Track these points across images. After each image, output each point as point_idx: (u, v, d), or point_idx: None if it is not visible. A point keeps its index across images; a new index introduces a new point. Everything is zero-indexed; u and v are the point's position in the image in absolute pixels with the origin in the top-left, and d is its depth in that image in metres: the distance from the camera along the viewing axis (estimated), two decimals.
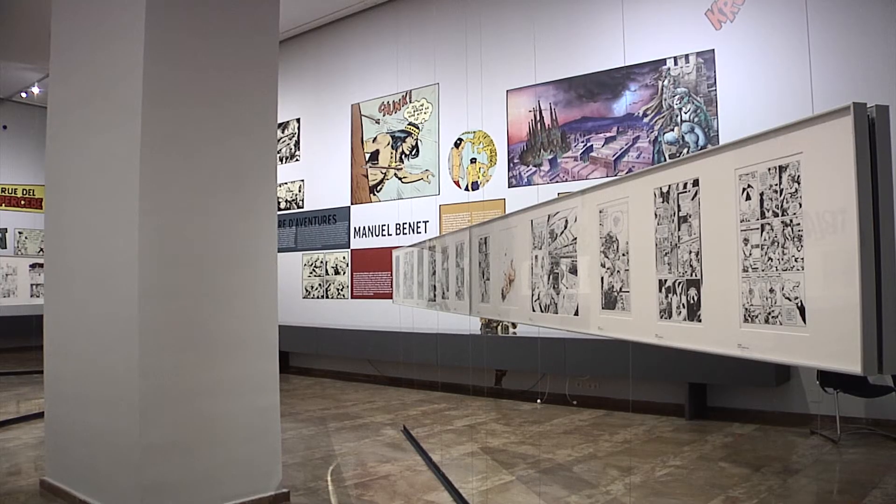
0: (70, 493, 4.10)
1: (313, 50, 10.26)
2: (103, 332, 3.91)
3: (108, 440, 3.84)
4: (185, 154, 3.84)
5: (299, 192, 10.28)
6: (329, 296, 9.79)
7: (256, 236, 4.14)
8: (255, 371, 4.06)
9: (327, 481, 4.57)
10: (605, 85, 7.31)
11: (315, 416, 6.87)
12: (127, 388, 3.69)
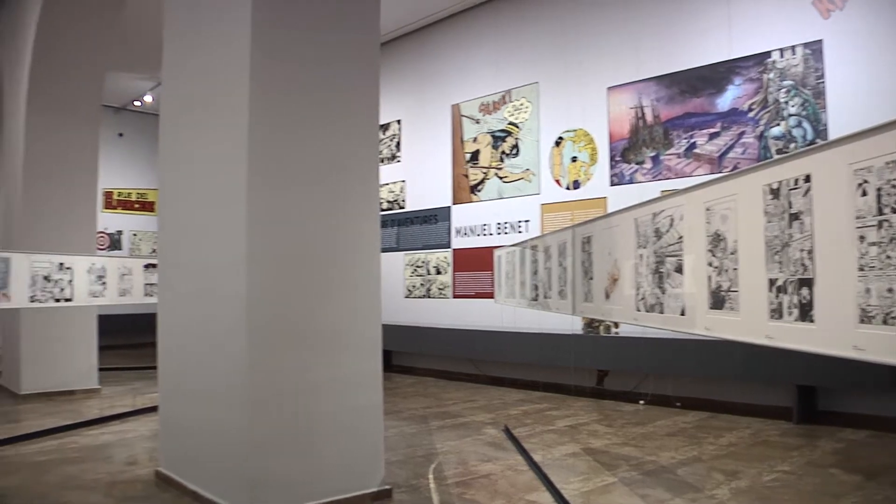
0: (182, 484, 4.37)
1: (413, 52, 10.46)
2: (213, 330, 4.14)
3: (218, 434, 4.07)
4: (291, 156, 4.03)
5: (401, 192, 10.51)
6: (430, 295, 9.96)
7: (360, 236, 4.30)
8: (359, 369, 4.22)
9: (429, 479, 4.69)
10: (707, 80, 7.16)
11: (417, 415, 7.03)
12: (236, 384, 3.90)
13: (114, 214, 14.59)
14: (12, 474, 4.87)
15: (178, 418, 4.57)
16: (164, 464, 4.69)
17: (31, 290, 5.73)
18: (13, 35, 8.80)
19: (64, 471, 4.94)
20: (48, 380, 8.12)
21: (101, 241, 13.99)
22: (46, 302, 5.88)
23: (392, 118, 10.65)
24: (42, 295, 5.83)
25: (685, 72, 7.34)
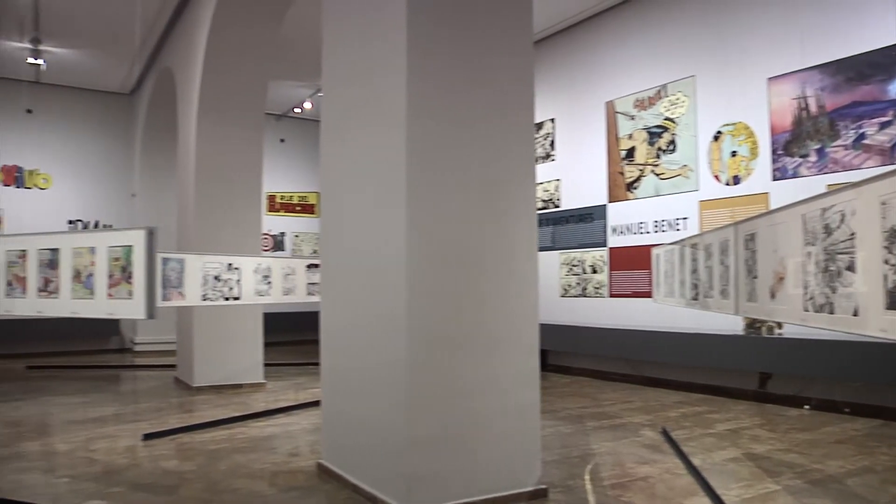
0: (343, 477, 4.58)
1: (566, 49, 10.40)
2: (373, 329, 4.31)
3: (378, 430, 4.23)
4: (449, 157, 4.13)
5: (556, 191, 10.48)
6: (586, 294, 9.88)
7: (517, 236, 4.34)
8: (516, 368, 4.27)
9: (585, 480, 4.67)
10: (877, 65, 6.67)
11: (573, 415, 7.00)
12: (395, 382, 4.04)
13: (277, 217, 15.41)
14: (190, 460, 5.30)
15: (340, 413, 4.79)
16: (326, 456, 4.93)
17: (203, 289, 6.13)
18: (186, 49, 9.52)
19: (233, 459, 5.30)
20: (218, 374, 8.73)
21: (266, 243, 14.83)
22: (217, 300, 6.29)
23: (546, 117, 10.64)
24: (213, 294, 6.23)
25: (852, 58, 6.88)
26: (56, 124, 13.52)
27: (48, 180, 13.50)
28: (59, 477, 4.85)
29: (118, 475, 4.88)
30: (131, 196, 13.70)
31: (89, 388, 9.06)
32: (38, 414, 7.31)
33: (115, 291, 4.71)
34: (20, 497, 4.27)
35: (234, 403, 7.68)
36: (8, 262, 5.30)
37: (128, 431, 6.30)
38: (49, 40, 11.07)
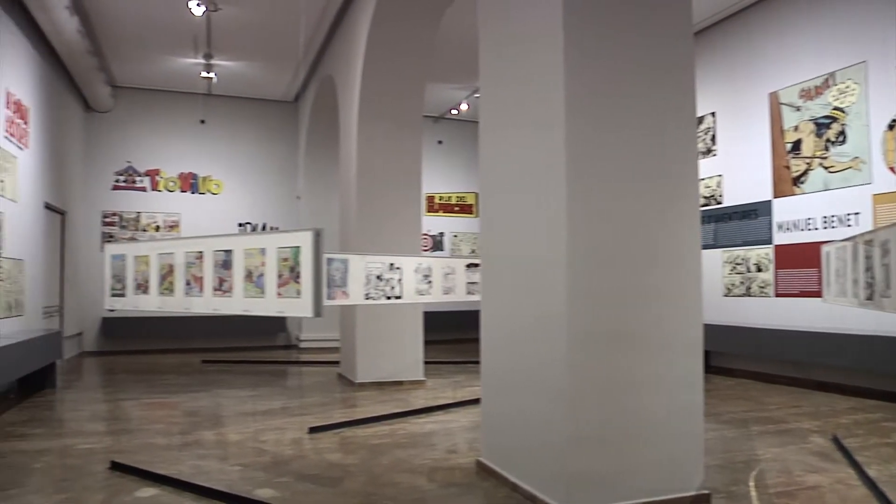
0: (502, 475, 4.66)
1: (726, 40, 10.05)
2: (534, 328, 4.36)
3: (538, 429, 4.29)
4: (609, 154, 4.13)
5: (717, 187, 10.15)
6: (751, 294, 9.52)
7: (680, 234, 4.29)
8: (679, 369, 4.22)
9: (749, 486, 4.54)
10: None
11: (737, 418, 6.79)
12: (555, 381, 4.09)
13: (435, 217, 15.76)
14: (353, 453, 5.55)
15: (499, 411, 4.88)
16: (485, 454, 5.04)
17: (365, 288, 6.36)
18: (346, 57, 9.94)
19: (394, 454, 5.51)
20: (380, 371, 9.06)
21: (425, 243, 15.20)
22: (379, 299, 6.50)
23: (706, 111, 10.33)
24: (375, 293, 6.45)
25: None
26: (226, 133, 14.45)
27: (220, 186, 14.44)
28: (233, 465, 5.21)
29: (285, 466, 5.18)
30: (296, 199, 14.42)
31: (259, 382, 9.62)
32: (213, 405, 7.84)
33: (284, 290, 4.99)
34: (199, 481, 4.63)
35: (394, 400, 7.94)
36: (186, 262, 5.74)
37: (294, 424, 6.66)
38: (220, 55, 11.85)
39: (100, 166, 13.67)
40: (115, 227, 13.70)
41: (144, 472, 4.88)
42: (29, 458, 5.38)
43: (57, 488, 4.63)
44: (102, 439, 6.05)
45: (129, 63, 12.47)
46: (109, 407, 7.84)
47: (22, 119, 9.01)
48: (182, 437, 6.13)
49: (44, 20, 9.14)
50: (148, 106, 13.95)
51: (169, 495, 4.44)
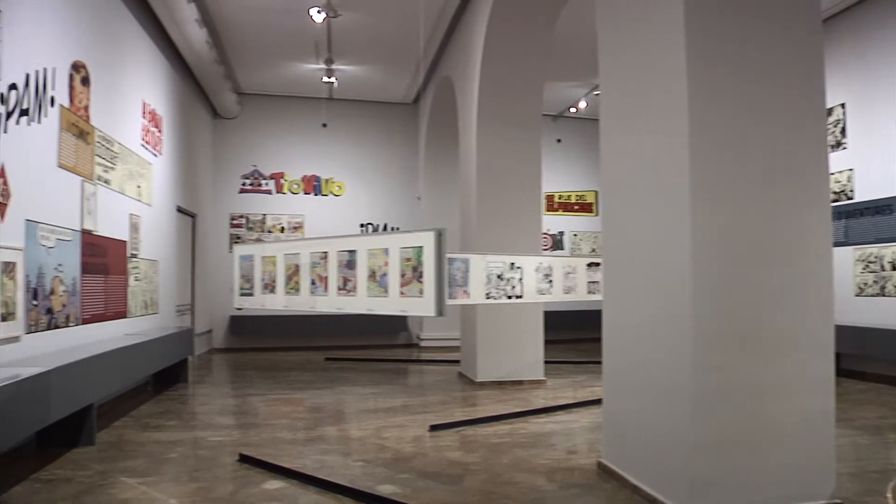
0: (623, 477, 4.61)
1: (856, 27, 9.53)
2: (657, 328, 4.30)
3: (661, 431, 4.22)
4: (734, 150, 4.02)
5: (848, 182, 9.65)
6: (885, 294, 9.01)
7: (810, 230, 4.13)
8: (809, 371, 4.06)
9: (887, 498, 4.32)
10: None
11: (870, 425, 6.47)
12: (679, 383, 4.01)
13: (555, 216, 15.66)
14: (474, 452, 5.61)
15: (621, 412, 4.82)
16: (606, 455, 4.99)
17: (486, 287, 6.40)
18: (464, 57, 10.02)
19: (514, 453, 5.53)
20: (500, 370, 9.10)
21: (545, 242, 15.13)
22: (500, 299, 6.53)
23: (835, 102, 9.83)
24: (496, 292, 6.48)
25: None
26: (348, 136, 14.80)
27: (342, 187, 14.83)
28: (355, 461, 5.35)
29: (406, 463, 5.28)
30: (417, 199, 14.64)
31: (380, 379, 9.82)
32: (336, 402, 8.07)
33: (407, 290, 5.08)
34: (323, 476, 4.78)
35: (515, 399, 7.96)
36: (312, 262, 5.93)
37: (415, 422, 6.77)
38: (340, 60, 12.16)
39: (227, 170, 14.30)
40: (242, 228, 14.29)
41: (271, 465, 5.08)
42: (165, 448, 5.69)
43: (190, 477, 4.88)
44: (231, 432, 6.33)
45: (253, 71, 12.97)
46: (237, 402, 8.19)
47: (156, 127, 9.53)
48: (306, 433, 6.33)
49: (175, 34, 9.65)
50: (272, 111, 14.47)
51: (294, 488, 4.60)
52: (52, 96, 6.05)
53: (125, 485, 4.66)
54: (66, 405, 5.24)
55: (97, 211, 7.10)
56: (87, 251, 6.85)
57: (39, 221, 5.81)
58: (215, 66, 11.28)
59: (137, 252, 8.53)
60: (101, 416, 6.46)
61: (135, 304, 8.44)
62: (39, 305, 5.81)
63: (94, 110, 7.04)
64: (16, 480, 4.76)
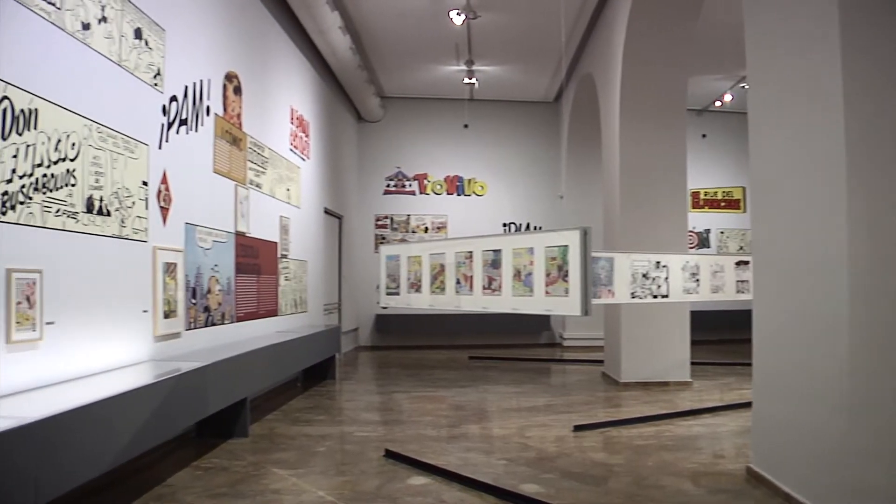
0: (775, 485, 4.42)
1: None
2: (812, 331, 4.11)
3: (815, 438, 4.03)
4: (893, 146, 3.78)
5: None
6: None
7: None
8: None
9: None
10: None
11: None
12: (836, 388, 3.82)
13: (701, 214, 15.18)
14: (618, 453, 5.53)
15: (773, 417, 4.63)
16: (756, 461, 4.80)
17: (631, 286, 6.29)
18: (605, 53, 9.87)
19: (660, 456, 5.41)
20: (644, 370, 8.92)
21: (691, 240, 14.68)
22: (645, 298, 6.39)
23: None
24: (641, 292, 6.35)
25: None
26: (489, 135, 14.88)
27: (484, 187, 14.93)
28: (498, 459, 5.38)
29: (550, 462, 5.27)
30: (559, 198, 14.56)
31: (523, 379, 9.82)
32: (478, 400, 8.13)
33: (553, 289, 5.06)
34: (466, 473, 4.84)
35: (660, 401, 7.79)
36: (457, 262, 6.01)
37: (558, 422, 6.74)
38: (480, 61, 12.25)
39: (372, 172, 14.70)
40: (387, 229, 14.65)
41: (415, 462, 5.19)
42: (313, 442, 5.92)
43: (338, 471, 5.06)
44: (377, 428, 6.50)
45: (395, 74, 13.27)
46: (383, 399, 8.40)
47: (304, 132, 9.93)
48: (449, 430, 6.43)
49: (320, 41, 10.00)
50: (414, 113, 14.77)
51: (438, 485, 4.68)
52: (207, 106, 6.42)
53: (276, 476, 4.89)
54: (223, 398, 5.54)
55: (249, 214, 7.48)
56: (240, 252, 7.22)
57: (197, 224, 6.18)
58: (359, 71, 11.62)
59: (287, 253, 8.92)
60: (254, 409, 6.79)
61: (285, 303, 8.82)
62: (197, 304, 6.18)
63: (245, 118, 7.42)
64: (179, 467, 5.08)
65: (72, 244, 4.30)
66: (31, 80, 3.93)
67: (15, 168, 3.77)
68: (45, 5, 4.05)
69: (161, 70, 5.51)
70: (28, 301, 3.86)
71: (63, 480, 3.34)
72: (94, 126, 4.54)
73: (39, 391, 3.90)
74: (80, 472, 3.51)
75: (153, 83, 5.39)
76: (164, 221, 5.56)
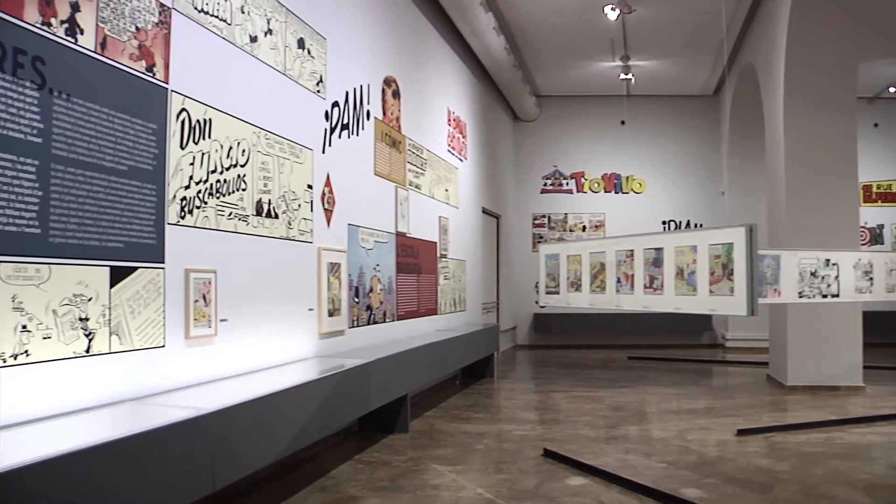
0: None
1: None
2: None
3: None
4: None
5: None
6: None
7: None
8: None
9: None
10: None
11: None
12: None
13: (873, 208, 14.17)
14: (784, 460, 5.23)
15: None
16: None
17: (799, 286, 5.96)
18: (767, 41, 9.35)
19: (830, 465, 5.07)
20: (813, 374, 8.39)
21: (862, 236, 13.71)
22: (813, 298, 6.04)
23: None
24: (809, 291, 6.00)
25: None
26: (647, 132, 14.51)
27: (642, 185, 14.57)
28: (658, 462, 5.22)
29: (711, 467, 5.05)
30: (720, 194, 14.00)
31: (683, 380, 9.50)
32: (638, 401, 7.92)
33: (717, 288, 4.86)
34: (625, 475, 4.71)
35: (829, 406, 7.32)
36: (617, 260, 5.89)
37: (721, 425, 6.45)
38: (636, 56, 11.95)
39: (528, 171, 14.67)
40: (544, 228, 14.58)
41: (574, 462, 5.11)
42: (472, 440, 5.94)
43: (496, 469, 5.05)
44: (535, 427, 6.46)
45: (550, 72, 13.17)
46: (540, 397, 8.35)
47: (461, 133, 10.02)
48: (608, 431, 6.29)
49: (475, 43, 10.07)
50: (569, 111, 14.61)
51: (597, 486, 4.59)
52: (367, 110, 6.59)
53: (436, 471, 4.94)
54: (385, 395, 5.67)
55: (409, 214, 7.62)
56: (401, 252, 7.37)
57: (359, 225, 6.35)
58: (514, 70, 11.62)
59: (446, 252, 9.03)
60: (414, 406, 6.90)
61: (444, 302, 8.94)
62: (360, 302, 6.35)
63: (404, 120, 7.57)
64: (342, 460, 5.23)
65: (243, 245, 4.52)
66: (205, 92, 4.16)
67: (192, 175, 4.01)
68: (217, 22, 4.28)
69: (323, 77, 5.70)
70: (204, 299, 4.09)
71: (237, 467, 3.51)
72: (262, 133, 4.76)
73: (214, 384, 4.12)
74: (252, 461, 3.67)
75: (316, 90, 5.59)
76: (328, 223, 5.75)
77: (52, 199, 3.04)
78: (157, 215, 3.71)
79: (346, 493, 4.45)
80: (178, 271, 3.88)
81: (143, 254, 3.60)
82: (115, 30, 3.42)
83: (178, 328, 3.89)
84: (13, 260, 2.84)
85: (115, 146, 3.41)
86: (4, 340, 2.80)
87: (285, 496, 4.37)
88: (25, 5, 2.93)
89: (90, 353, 3.23)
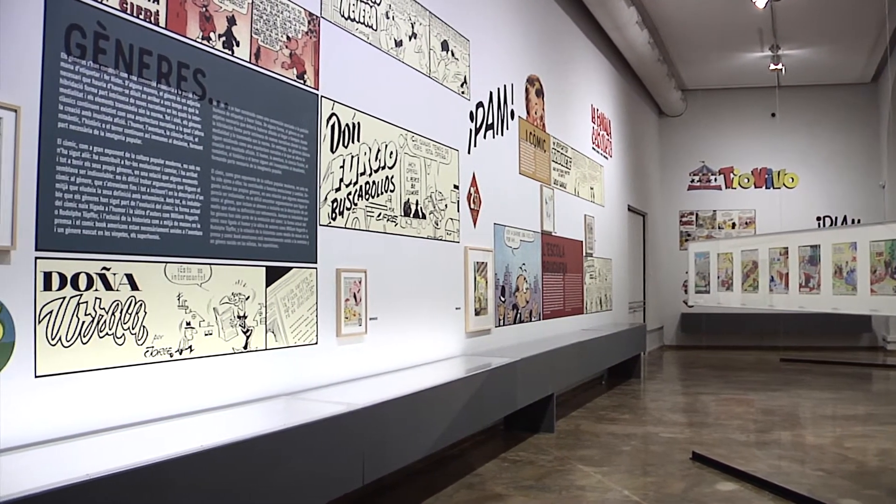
0: None
1: None
2: None
3: None
4: None
5: None
6: None
7: None
8: None
9: None
10: None
11: None
12: None
13: None
14: None
15: None
16: None
17: None
18: None
19: None
20: None
21: None
22: None
23: None
24: None
25: None
26: (799, 124, 13.72)
27: (795, 179, 13.79)
28: (813, 469, 4.87)
29: (873, 478, 4.67)
30: (880, 187, 13.03)
31: (840, 384, 8.88)
32: (791, 405, 7.47)
33: (879, 287, 4.50)
34: (778, 482, 4.42)
35: None
36: (771, 259, 5.57)
37: (883, 433, 5.97)
38: (786, 45, 11.35)
39: (675, 168, 14.19)
40: (692, 225, 14.05)
41: (723, 466, 4.85)
42: (618, 441, 5.76)
43: (643, 471, 4.87)
44: (683, 430, 6.19)
45: (695, 66, 12.68)
46: (688, 399, 8.01)
47: (605, 131, 9.78)
48: (759, 435, 5.96)
49: (617, 38, 9.81)
50: (716, 105, 14.03)
51: (748, 492, 4.33)
52: (511, 110, 6.52)
53: (581, 472, 4.81)
54: (531, 393, 5.58)
55: (555, 213, 7.49)
56: (546, 251, 7.26)
57: (505, 225, 6.29)
58: (658, 65, 11.24)
59: (592, 251, 8.83)
60: (559, 405, 6.76)
61: (590, 301, 8.74)
62: (506, 301, 6.29)
63: (548, 119, 7.45)
64: (488, 458, 5.18)
65: (391, 245, 4.55)
66: (354, 97, 4.21)
67: (342, 177, 4.06)
68: (363, 28, 4.32)
69: (467, 78, 5.68)
70: (354, 298, 4.14)
71: (386, 462, 3.52)
72: (409, 135, 4.78)
73: (364, 380, 4.16)
74: (401, 456, 3.68)
75: (460, 91, 5.56)
76: (474, 223, 5.72)
77: (213, 202, 3.15)
78: (309, 217, 3.78)
79: (491, 491, 4.39)
80: (329, 271, 3.94)
81: (296, 254, 3.67)
82: (267, 40, 3.51)
83: (330, 326, 3.95)
84: (178, 260, 2.96)
85: (269, 151, 3.50)
86: (171, 336, 2.92)
87: (432, 492, 4.37)
88: (188, 23, 3.04)
89: (247, 350, 3.33)
